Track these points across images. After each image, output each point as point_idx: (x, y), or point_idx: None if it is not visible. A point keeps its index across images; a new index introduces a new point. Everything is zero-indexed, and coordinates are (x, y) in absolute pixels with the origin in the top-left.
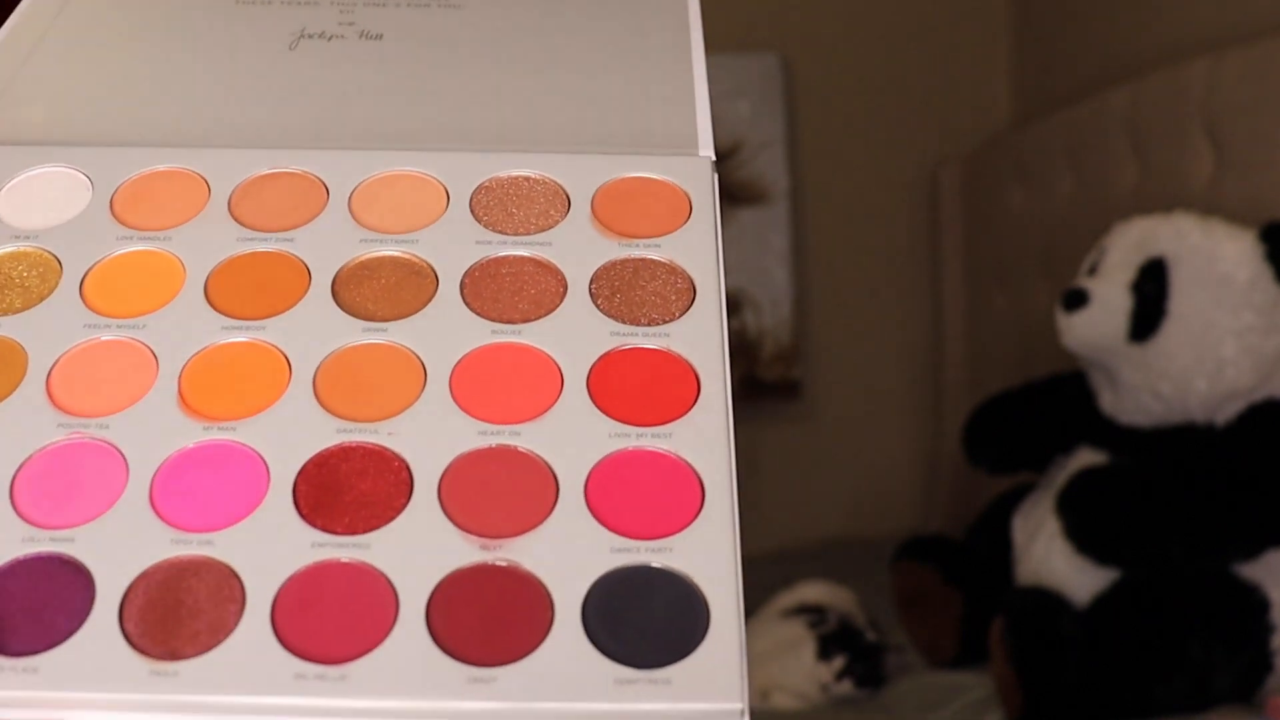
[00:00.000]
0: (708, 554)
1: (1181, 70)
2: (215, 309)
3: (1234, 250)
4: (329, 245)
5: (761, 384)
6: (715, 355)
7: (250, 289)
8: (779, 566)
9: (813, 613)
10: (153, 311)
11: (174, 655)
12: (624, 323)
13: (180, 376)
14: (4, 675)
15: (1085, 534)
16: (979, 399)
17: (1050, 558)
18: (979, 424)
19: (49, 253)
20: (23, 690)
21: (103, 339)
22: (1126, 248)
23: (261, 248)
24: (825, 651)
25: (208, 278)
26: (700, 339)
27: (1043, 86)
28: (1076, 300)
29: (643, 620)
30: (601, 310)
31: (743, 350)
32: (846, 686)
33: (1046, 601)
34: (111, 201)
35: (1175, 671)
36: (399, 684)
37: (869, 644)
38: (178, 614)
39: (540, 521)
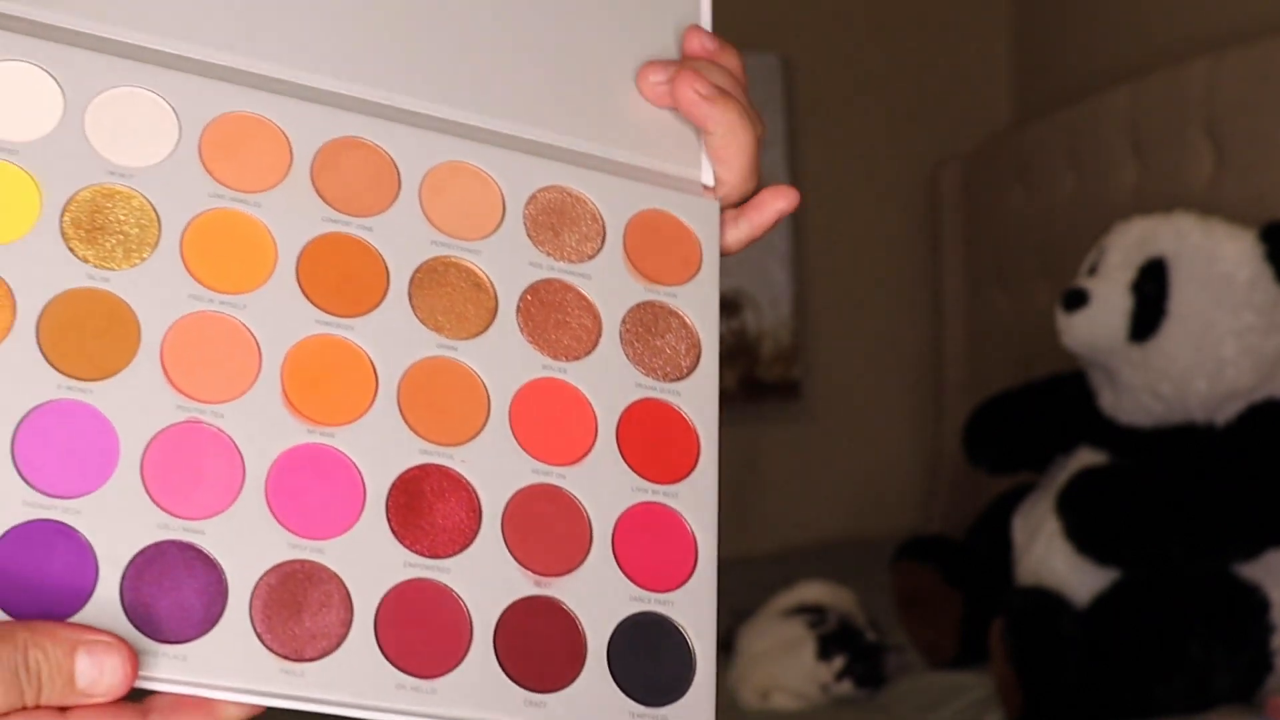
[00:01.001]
0: (697, 611)
1: (1181, 70)
2: (308, 297)
3: (1234, 250)
4: (404, 241)
5: (761, 384)
6: (711, 419)
7: (336, 278)
8: (779, 566)
9: (813, 613)
10: (252, 290)
11: (298, 656)
12: (645, 373)
13: (282, 370)
14: (159, 660)
15: (1085, 534)
16: (979, 399)
17: (1050, 558)
18: (979, 424)
19: (145, 198)
20: (174, 675)
21: (207, 312)
22: (1126, 248)
23: (344, 231)
24: (825, 651)
25: (298, 259)
26: (702, 402)
27: (1043, 86)
28: (1076, 300)
29: (650, 665)
30: (629, 357)
31: (743, 350)
32: (846, 686)
33: (1046, 601)
34: (200, 147)
35: (1175, 671)
36: (475, 702)
37: (869, 644)
38: (298, 615)
39: (578, 564)
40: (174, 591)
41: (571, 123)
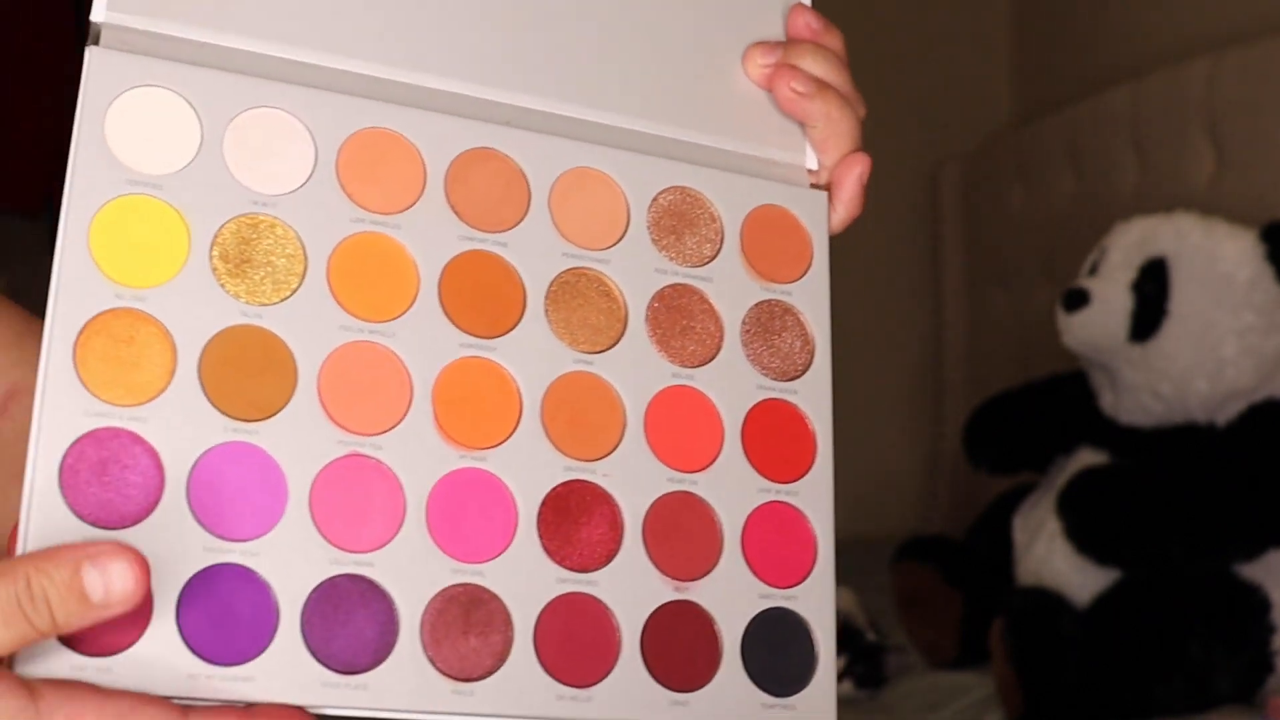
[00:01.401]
0: (819, 603)
1: (1181, 70)
2: (451, 320)
3: (1234, 250)
4: (537, 255)
5: None
6: (826, 415)
7: (476, 298)
8: None
9: None
10: (398, 316)
11: (466, 676)
12: (764, 374)
13: (433, 396)
14: (340, 691)
15: (1086, 534)
16: (979, 399)
17: (1051, 558)
18: (979, 424)
19: (289, 227)
20: (356, 702)
21: (358, 342)
22: (1127, 247)
23: (481, 249)
24: None
25: (439, 281)
26: (817, 398)
27: (1043, 86)
28: (1077, 300)
29: (779, 657)
30: (749, 359)
31: None
32: (847, 687)
33: (1047, 601)
34: (338, 167)
35: (1175, 671)
36: (628, 705)
37: (869, 644)
38: (466, 637)
39: (712, 567)
40: (350, 623)
41: (680, 112)
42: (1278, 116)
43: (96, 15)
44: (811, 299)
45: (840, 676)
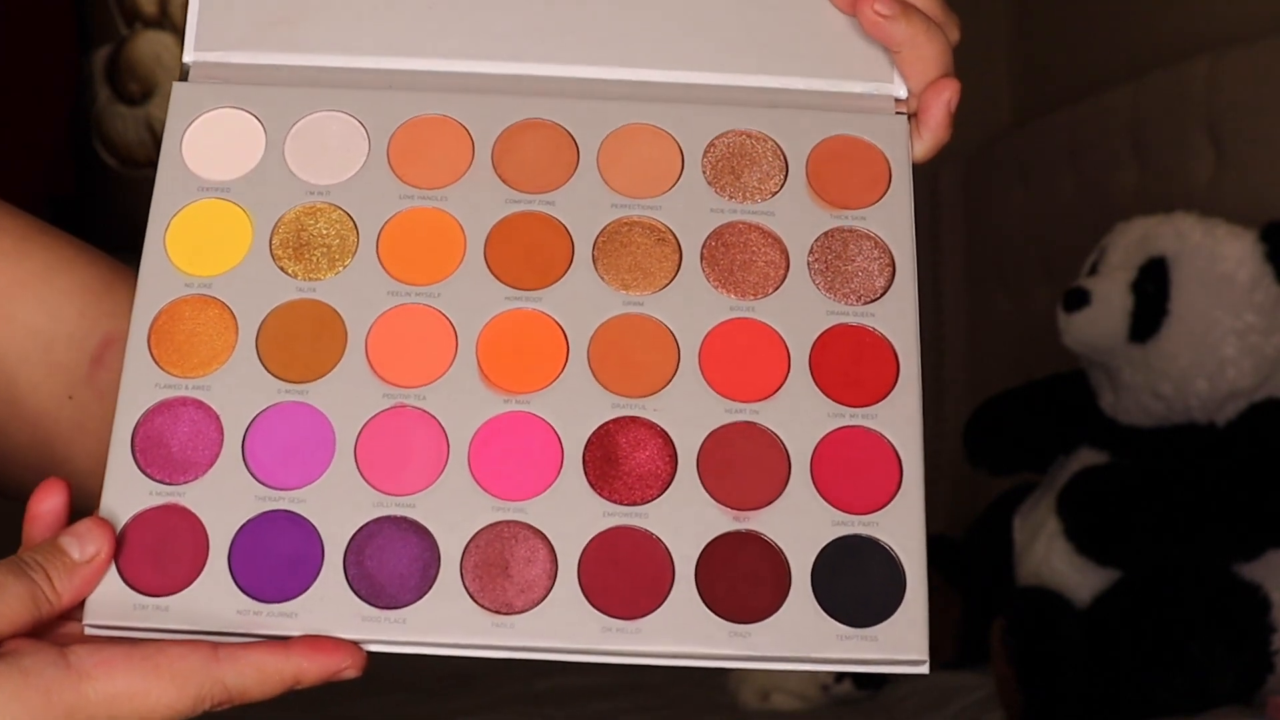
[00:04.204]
0: (905, 529)
1: (1182, 70)
2: (496, 277)
3: (1235, 250)
4: (585, 209)
5: None
6: (911, 336)
7: (523, 254)
8: None
9: None
10: (445, 279)
11: (508, 609)
12: (837, 299)
13: (477, 348)
14: (380, 625)
15: (1086, 534)
16: (979, 399)
17: (1051, 558)
18: (979, 424)
19: (343, 210)
20: (396, 636)
21: (405, 305)
22: (1127, 247)
23: (527, 209)
24: None
25: (486, 242)
26: (899, 319)
27: (1043, 86)
28: (1077, 300)
29: (857, 586)
30: (819, 286)
31: None
32: (847, 687)
33: (1047, 601)
34: (389, 154)
35: (1175, 671)
36: (680, 637)
37: None
38: (506, 572)
39: (777, 495)
40: (391, 562)
41: (750, 60)
42: (1278, 116)
43: (186, 57)
44: (890, 222)
45: (840, 676)
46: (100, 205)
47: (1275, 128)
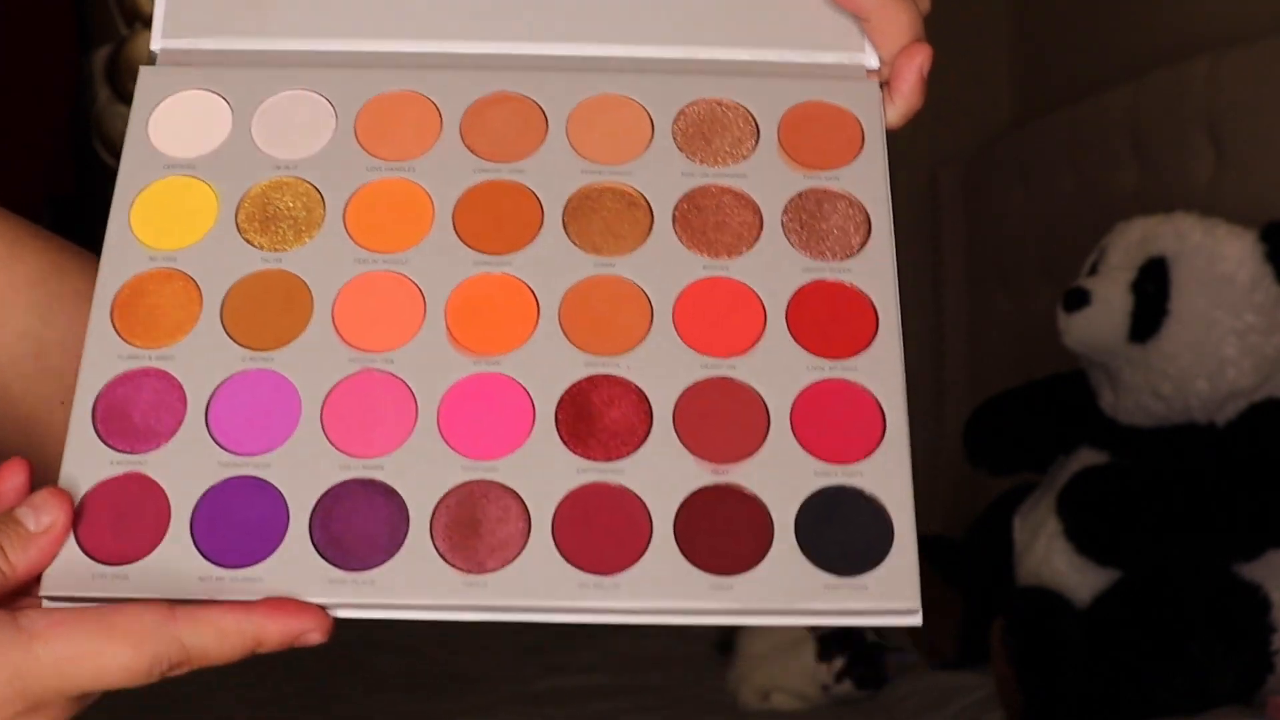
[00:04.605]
0: (890, 478)
1: (1182, 70)
2: (465, 243)
3: (1235, 250)
4: (555, 177)
5: None
6: (889, 287)
7: (492, 221)
8: None
9: None
10: (413, 246)
11: (480, 568)
12: (812, 257)
13: (445, 312)
14: (347, 587)
15: (1086, 534)
16: (979, 399)
17: (1051, 558)
18: (979, 424)
19: (309, 183)
20: (364, 599)
21: (372, 272)
22: (1127, 247)
23: (496, 178)
24: (825, 652)
25: (454, 211)
26: (877, 272)
27: (1043, 86)
28: (1077, 300)
29: (842, 535)
30: (793, 245)
31: None
32: (847, 687)
33: (1047, 602)
34: (356, 129)
35: (1175, 671)
36: (660, 591)
37: (869, 644)
38: (477, 532)
39: (757, 448)
40: (359, 524)
41: (719, 33)
42: (1278, 116)
43: (154, 44)
44: (865, 180)
45: (840, 677)
46: (100, 205)
47: (1275, 128)
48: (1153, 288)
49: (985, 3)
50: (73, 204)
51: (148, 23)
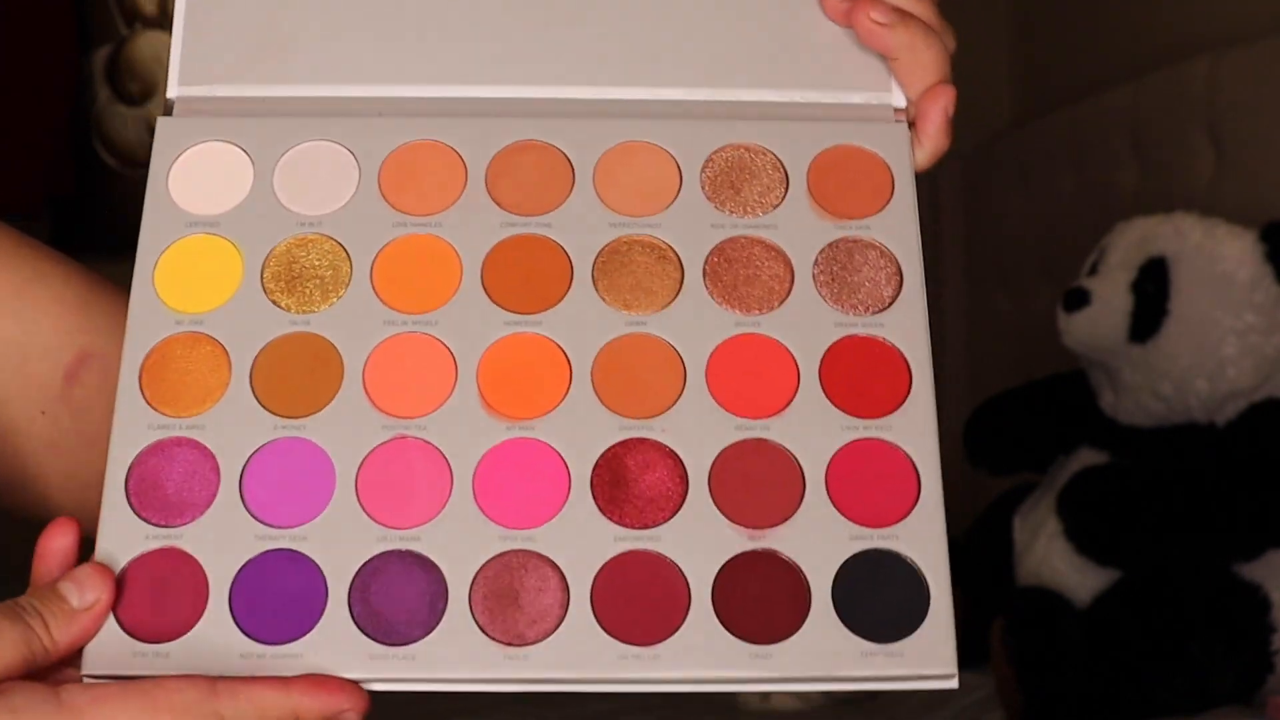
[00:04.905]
0: (926, 541)
1: (1182, 70)
2: (495, 302)
3: (1235, 250)
4: (583, 230)
5: None
6: (923, 345)
7: (521, 278)
8: None
9: None
10: (441, 306)
11: (520, 640)
12: (844, 311)
13: (478, 375)
14: (388, 663)
15: (1086, 534)
16: (979, 399)
17: (1051, 558)
18: (979, 424)
19: (335, 241)
20: (405, 674)
21: (402, 334)
22: (1127, 247)
23: (523, 232)
24: None
25: (482, 268)
26: (909, 328)
27: (1043, 86)
28: (1077, 300)
29: (879, 601)
30: (825, 298)
31: None
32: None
33: (1047, 601)
34: (379, 182)
35: (1175, 671)
36: (700, 662)
37: None
38: (516, 602)
39: (792, 512)
40: (398, 597)
41: (744, 74)
42: (1278, 116)
43: (170, 92)
44: (896, 229)
45: None
46: (100, 205)
47: (1275, 128)
48: (1153, 288)
49: (985, 3)
50: (73, 204)
51: (148, 22)
